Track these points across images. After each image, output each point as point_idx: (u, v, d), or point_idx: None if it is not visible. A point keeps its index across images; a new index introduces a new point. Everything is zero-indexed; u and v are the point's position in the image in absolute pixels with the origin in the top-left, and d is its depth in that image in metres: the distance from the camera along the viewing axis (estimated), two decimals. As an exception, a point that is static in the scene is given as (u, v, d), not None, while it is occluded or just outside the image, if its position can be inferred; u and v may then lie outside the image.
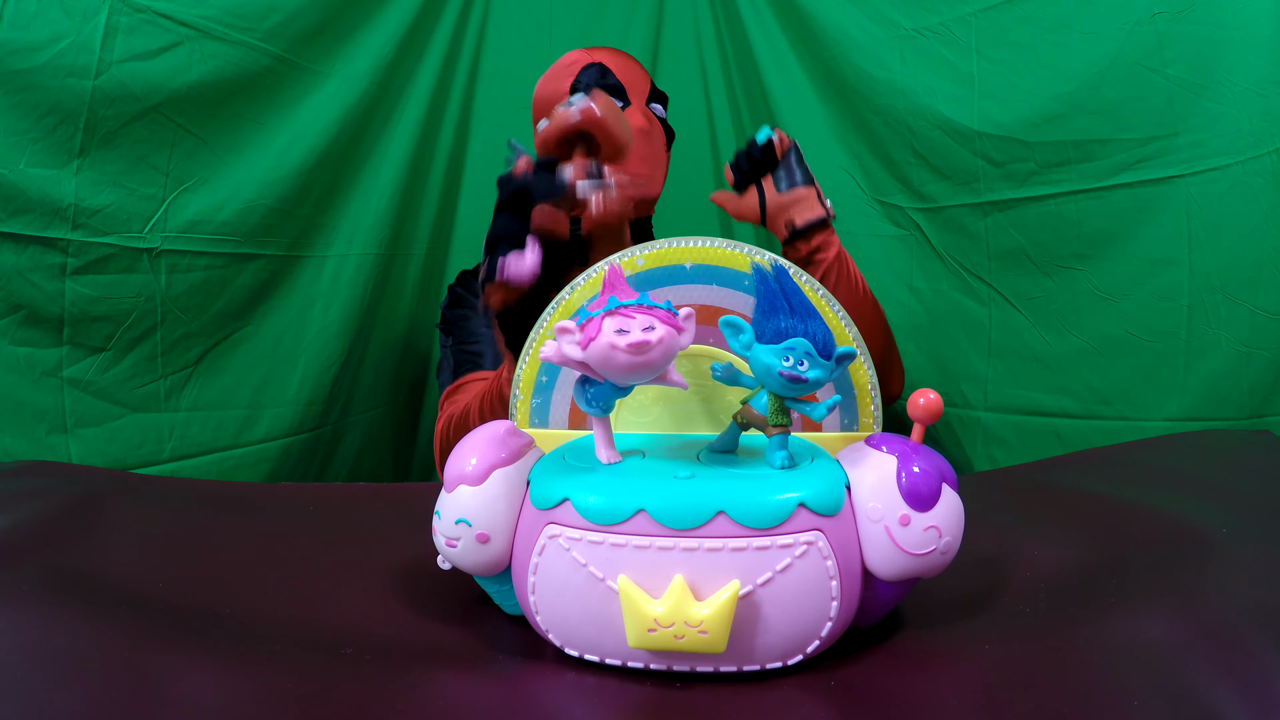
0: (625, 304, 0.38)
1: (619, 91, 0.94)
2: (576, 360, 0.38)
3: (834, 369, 0.40)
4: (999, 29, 0.92)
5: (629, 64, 0.97)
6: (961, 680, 0.37)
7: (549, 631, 0.38)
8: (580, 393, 0.40)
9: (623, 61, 0.97)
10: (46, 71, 0.72)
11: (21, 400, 0.75)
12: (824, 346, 0.39)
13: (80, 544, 0.51)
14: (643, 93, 0.96)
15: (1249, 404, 0.82)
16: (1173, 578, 0.44)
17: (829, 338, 0.39)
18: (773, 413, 0.40)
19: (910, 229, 1.06)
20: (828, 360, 0.39)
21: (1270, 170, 0.78)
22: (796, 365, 0.39)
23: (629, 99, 0.94)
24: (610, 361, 0.37)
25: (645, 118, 0.94)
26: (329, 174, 0.99)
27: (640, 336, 0.37)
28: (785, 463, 0.40)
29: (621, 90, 0.94)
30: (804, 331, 0.39)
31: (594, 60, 0.95)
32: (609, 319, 0.37)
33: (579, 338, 0.38)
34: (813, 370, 0.39)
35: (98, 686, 0.35)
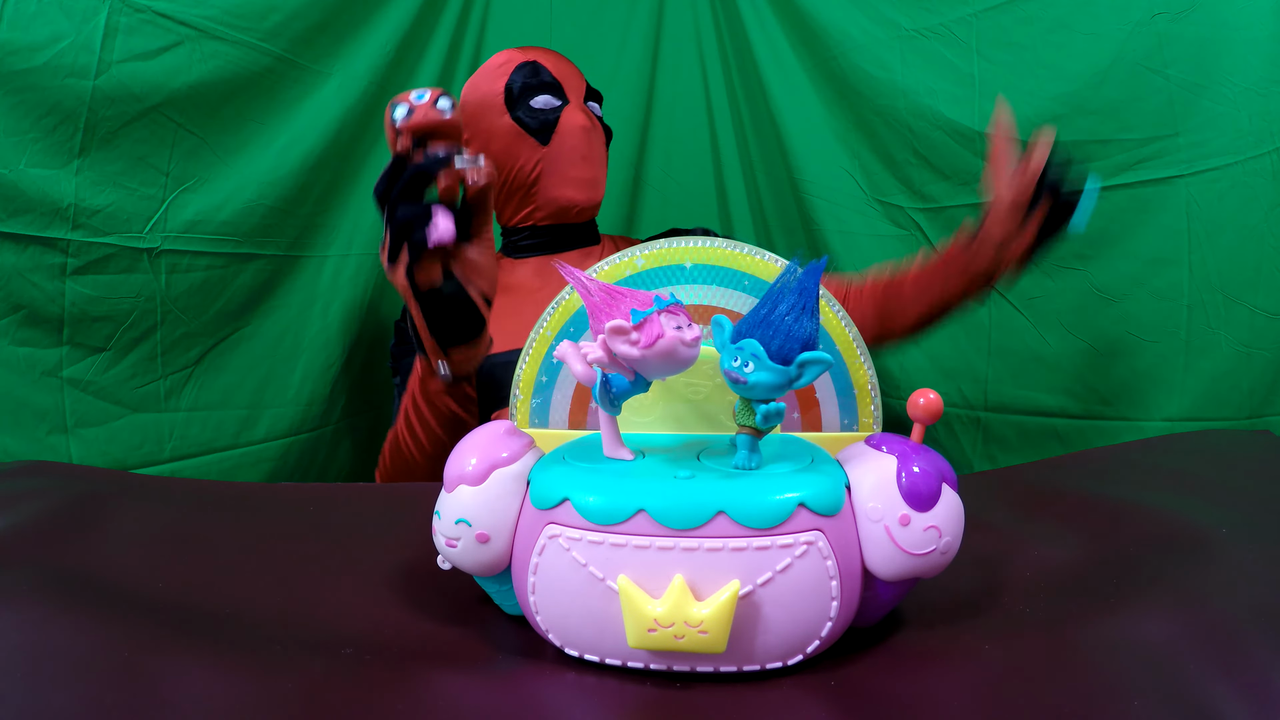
0: (666, 303, 0.38)
1: (556, 89, 0.92)
2: (634, 358, 0.38)
3: (794, 375, 0.38)
4: (1000, 30, 0.92)
5: (563, 62, 0.96)
6: (961, 680, 0.37)
7: (549, 631, 0.38)
8: (605, 392, 0.40)
9: (557, 60, 0.95)
10: (46, 71, 0.72)
11: (21, 400, 0.75)
12: (778, 350, 0.38)
13: (80, 544, 0.51)
14: (580, 90, 0.94)
15: (1249, 404, 0.82)
16: (1173, 578, 0.44)
17: (788, 342, 0.38)
18: (737, 412, 0.40)
19: (911, 229, 1.06)
20: (782, 365, 0.38)
21: (1270, 170, 0.78)
22: (742, 366, 0.38)
23: (567, 96, 0.93)
24: (674, 357, 0.38)
25: (585, 115, 0.92)
26: (329, 174, 0.99)
27: (696, 331, 0.38)
28: (744, 463, 0.39)
29: (559, 88, 0.92)
30: (760, 333, 0.38)
31: (527, 59, 0.93)
32: (665, 316, 0.38)
33: (638, 336, 0.38)
34: (758, 373, 0.38)
35: (98, 686, 0.35)
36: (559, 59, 0.96)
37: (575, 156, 0.92)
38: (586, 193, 0.93)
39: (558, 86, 0.92)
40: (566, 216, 0.95)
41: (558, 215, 0.95)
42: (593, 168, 0.93)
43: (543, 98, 0.91)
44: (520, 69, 0.92)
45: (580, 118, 0.91)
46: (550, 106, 0.91)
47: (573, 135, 0.91)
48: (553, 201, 0.93)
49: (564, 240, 0.96)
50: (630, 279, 0.47)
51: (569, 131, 0.91)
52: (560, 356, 0.40)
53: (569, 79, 0.94)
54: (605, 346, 0.38)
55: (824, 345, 0.47)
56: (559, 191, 0.92)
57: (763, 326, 0.38)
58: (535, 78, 0.92)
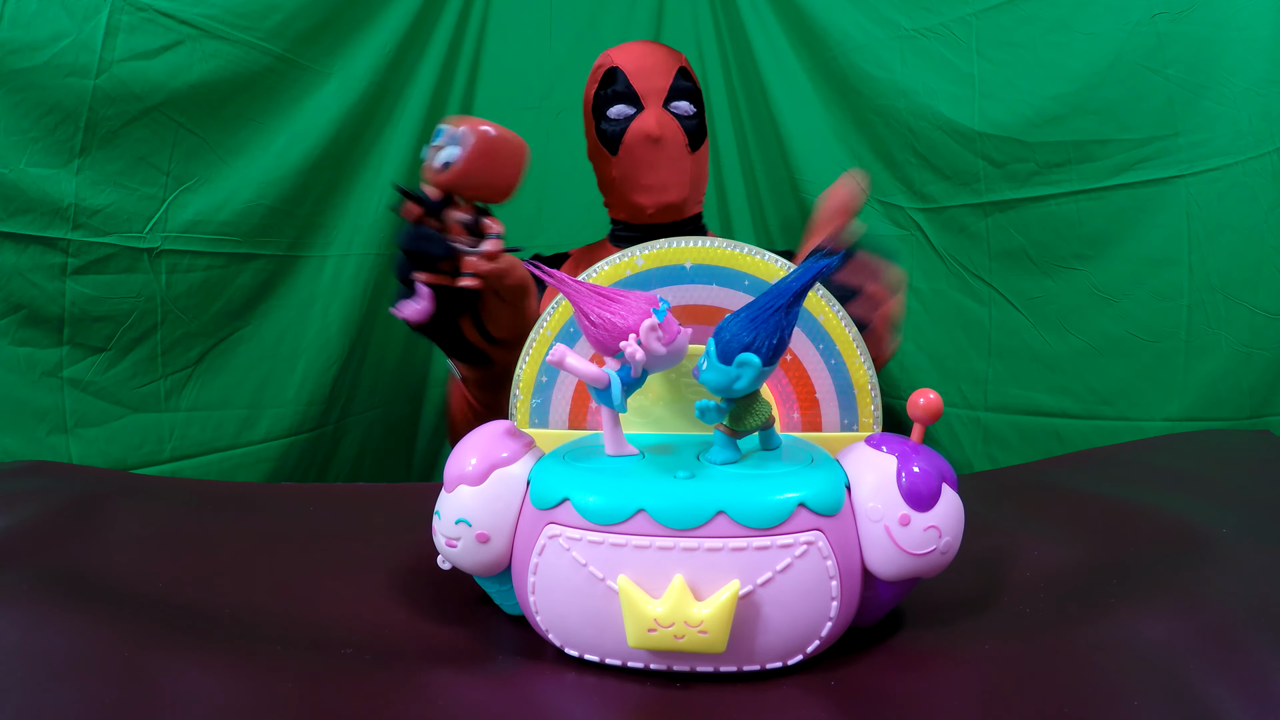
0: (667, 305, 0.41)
1: (630, 98, 0.93)
2: (660, 354, 0.40)
3: (734, 375, 0.38)
4: (1000, 29, 0.92)
5: (650, 58, 0.95)
6: (961, 680, 0.37)
7: (549, 631, 0.38)
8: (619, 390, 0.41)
9: (643, 57, 0.95)
10: (47, 71, 0.72)
11: (21, 400, 0.75)
12: (723, 350, 0.39)
13: (80, 544, 0.51)
14: (661, 91, 0.94)
15: (1249, 404, 0.82)
16: (1173, 578, 0.44)
17: (733, 343, 0.38)
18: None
19: (911, 229, 1.06)
20: (723, 364, 0.38)
21: (1270, 170, 0.78)
22: (700, 364, 0.40)
23: (641, 103, 0.93)
24: (681, 352, 0.41)
25: (655, 121, 0.92)
26: (329, 174, 0.99)
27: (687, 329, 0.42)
28: (715, 458, 0.41)
29: (633, 96, 0.93)
30: (719, 334, 0.39)
31: (611, 65, 0.95)
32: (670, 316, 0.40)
33: (663, 334, 0.40)
34: (708, 373, 0.39)
35: (98, 686, 0.35)
36: (647, 55, 0.96)
37: (640, 165, 0.93)
38: (652, 198, 0.95)
39: (632, 95, 0.94)
40: (642, 218, 0.97)
41: (635, 216, 0.97)
42: (658, 174, 0.94)
43: (617, 108, 0.94)
44: (605, 76, 0.95)
45: (647, 125, 0.92)
46: (622, 117, 0.94)
47: (637, 146, 0.93)
48: (629, 205, 0.96)
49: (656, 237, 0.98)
50: (630, 279, 0.47)
51: (633, 143, 0.93)
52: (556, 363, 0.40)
53: (651, 80, 0.94)
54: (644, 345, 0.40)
55: (823, 345, 0.47)
56: (630, 197, 0.95)
57: (723, 327, 0.40)
58: (612, 86, 0.94)
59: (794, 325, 0.39)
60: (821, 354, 0.47)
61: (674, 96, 0.95)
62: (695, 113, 0.96)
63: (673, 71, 0.95)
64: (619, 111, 0.94)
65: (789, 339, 0.39)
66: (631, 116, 0.93)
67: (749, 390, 0.39)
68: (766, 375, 0.40)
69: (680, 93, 0.95)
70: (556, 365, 0.39)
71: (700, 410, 0.40)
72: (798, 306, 0.39)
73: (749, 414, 0.40)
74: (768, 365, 0.39)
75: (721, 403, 0.40)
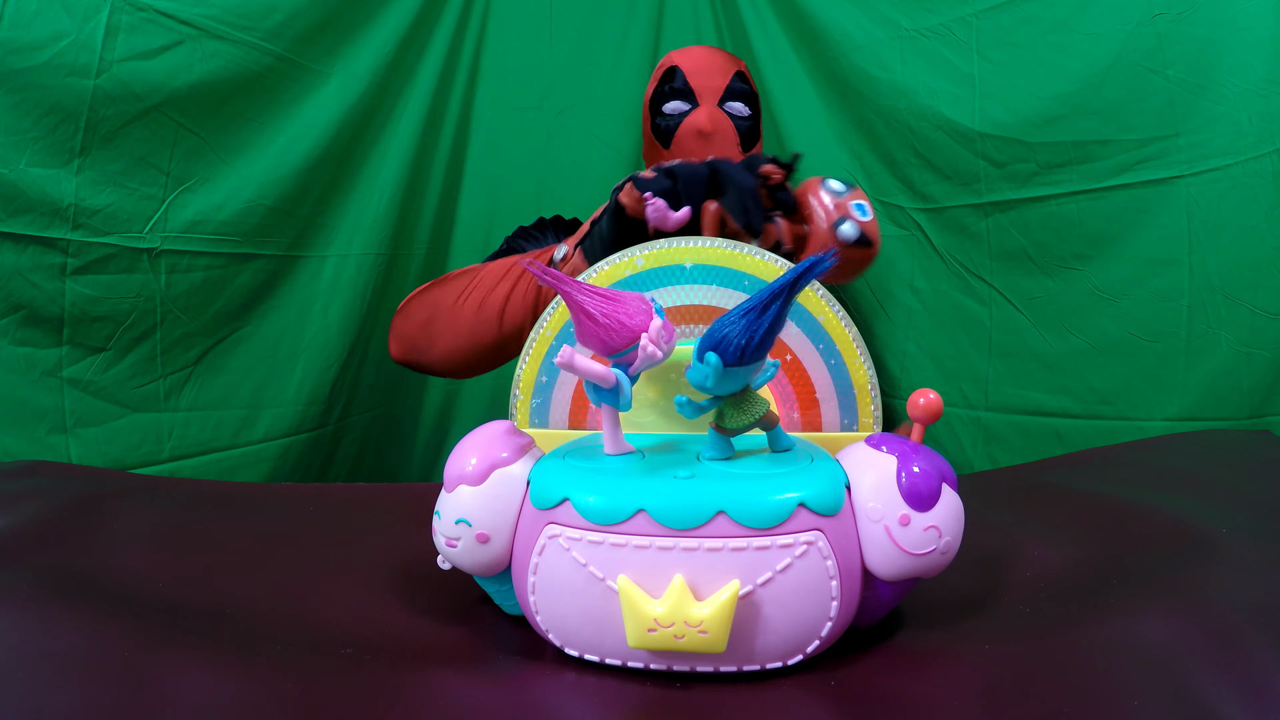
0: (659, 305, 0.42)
1: (686, 94, 0.95)
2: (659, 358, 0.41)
3: (708, 373, 0.39)
4: (1000, 30, 0.92)
5: (711, 59, 0.98)
6: (961, 680, 0.37)
7: (549, 631, 0.38)
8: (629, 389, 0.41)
9: (703, 58, 0.97)
10: (47, 70, 0.72)
11: (21, 400, 0.75)
12: (699, 348, 0.39)
13: (80, 544, 0.51)
14: (717, 90, 0.96)
15: (1249, 404, 0.82)
16: (1173, 578, 0.44)
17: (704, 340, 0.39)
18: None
19: (911, 229, 1.06)
20: (698, 361, 0.39)
21: (1270, 170, 0.78)
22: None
23: (697, 100, 0.95)
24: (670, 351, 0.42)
25: (708, 118, 0.94)
26: (329, 174, 0.99)
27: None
28: (706, 454, 0.41)
29: (689, 93, 0.95)
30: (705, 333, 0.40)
31: (671, 64, 0.97)
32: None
33: (664, 334, 0.41)
34: (690, 370, 0.40)
35: (98, 686, 0.35)
36: (708, 56, 0.98)
37: (693, 159, 0.94)
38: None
39: (688, 92, 0.95)
40: None
41: None
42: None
43: (673, 104, 0.96)
44: (666, 74, 0.97)
45: (700, 121, 0.94)
46: (678, 112, 0.95)
47: (688, 139, 0.94)
48: None
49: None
50: (630, 279, 0.47)
51: (685, 136, 0.95)
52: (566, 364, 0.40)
53: (708, 79, 0.96)
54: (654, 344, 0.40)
55: (823, 345, 0.47)
56: None
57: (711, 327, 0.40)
58: (670, 83, 0.96)
59: (770, 329, 0.38)
60: (821, 354, 0.47)
61: (729, 97, 0.96)
62: (750, 114, 0.98)
63: (730, 73, 0.97)
64: (674, 107, 0.96)
65: (767, 342, 0.39)
66: (686, 112, 0.95)
67: (727, 389, 0.40)
68: (744, 376, 0.39)
69: (736, 94, 0.97)
70: (565, 367, 0.39)
71: (679, 405, 0.41)
72: (773, 310, 0.38)
73: (737, 412, 0.41)
74: (734, 365, 0.38)
75: (704, 401, 0.41)
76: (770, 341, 0.39)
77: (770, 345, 0.39)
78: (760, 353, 0.39)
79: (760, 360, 0.40)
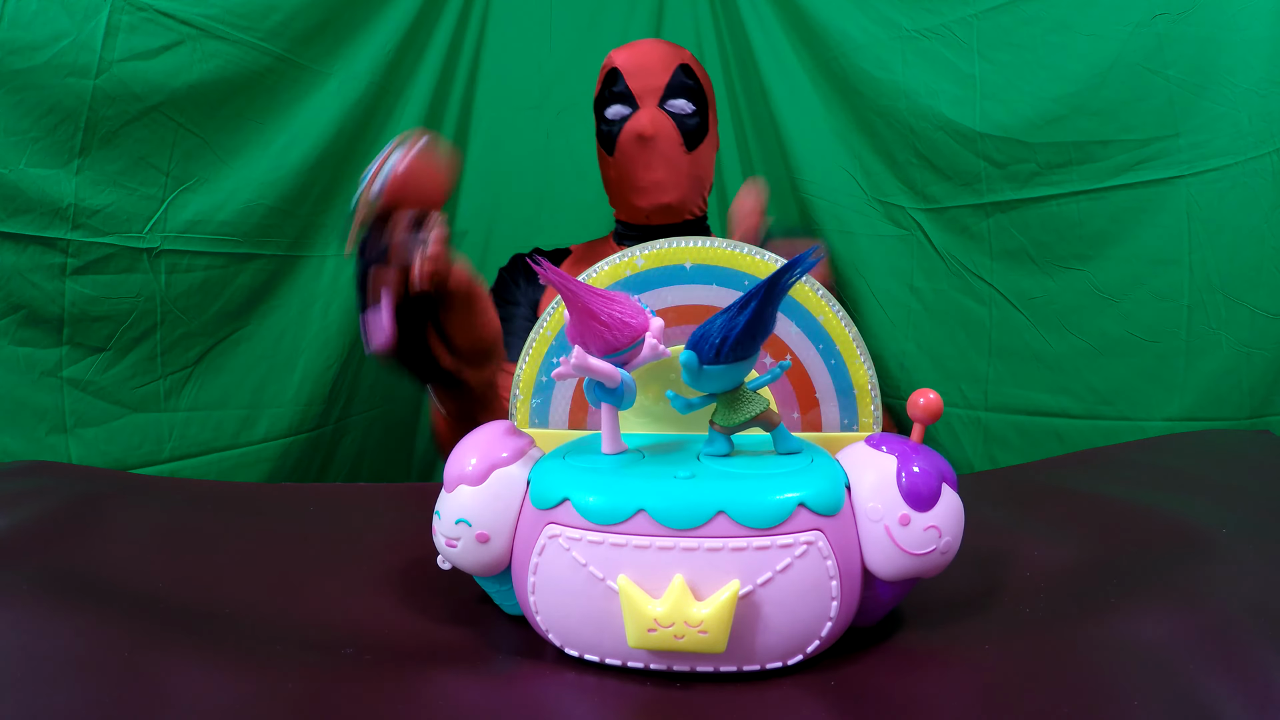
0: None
1: (626, 97, 0.93)
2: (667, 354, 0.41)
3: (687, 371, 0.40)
4: (1001, 30, 0.92)
5: (649, 56, 0.94)
6: (961, 680, 0.37)
7: (549, 631, 0.38)
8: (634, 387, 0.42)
9: (643, 56, 0.94)
10: (47, 70, 0.72)
11: (21, 400, 0.75)
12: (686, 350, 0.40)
13: (80, 544, 0.51)
14: (657, 90, 0.93)
15: (1249, 404, 0.82)
16: (1173, 578, 0.44)
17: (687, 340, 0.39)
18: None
19: (911, 229, 1.06)
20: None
21: (1270, 170, 0.78)
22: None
23: (637, 102, 0.93)
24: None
25: (649, 121, 0.91)
26: (329, 174, 0.99)
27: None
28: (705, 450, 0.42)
29: (628, 96, 0.93)
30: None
31: (612, 65, 0.95)
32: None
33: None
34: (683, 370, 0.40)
35: (98, 686, 0.35)
36: (646, 53, 0.95)
37: (634, 165, 0.93)
38: (647, 199, 0.94)
39: (628, 95, 0.93)
40: (640, 219, 0.97)
41: (634, 217, 0.97)
42: (653, 172, 0.93)
43: (614, 108, 0.94)
44: (607, 77, 0.95)
45: (640, 125, 0.91)
46: (618, 117, 0.94)
47: (629, 145, 0.92)
48: (628, 206, 0.96)
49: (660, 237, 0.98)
50: (630, 279, 0.47)
51: (626, 142, 0.93)
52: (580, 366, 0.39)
53: (648, 79, 0.93)
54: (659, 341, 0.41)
55: (823, 345, 0.47)
56: (629, 197, 0.95)
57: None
58: (611, 86, 0.94)
59: (747, 329, 0.38)
60: (821, 354, 0.47)
61: (672, 94, 0.93)
62: (694, 111, 0.94)
63: (671, 68, 0.94)
64: (615, 112, 0.94)
65: (745, 342, 0.39)
66: (627, 116, 0.93)
67: (716, 387, 0.40)
68: (732, 374, 0.40)
69: (679, 90, 0.94)
70: (580, 369, 0.39)
71: (670, 399, 0.42)
72: (749, 310, 0.38)
73: (728, 410, 0.41)
74: (709, 365, 0.39)
75: (694, 399, 0.42)
76: (749, 342, 0.39)
77: (751, 346, 0.39)
78: (738, 353, 0.39)
79: (744, 359, 0.39)
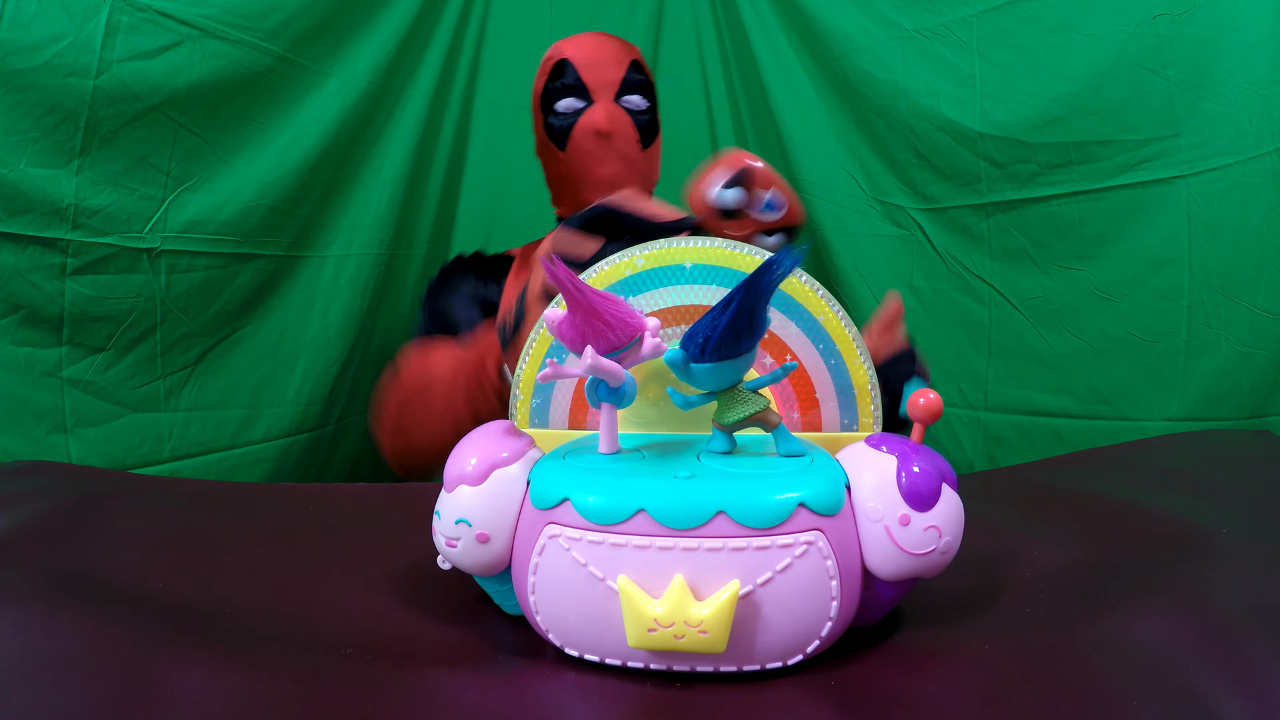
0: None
1: (580, 91, 0.90)
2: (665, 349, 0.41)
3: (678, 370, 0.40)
4: (1001, 30, 0.92)
5: (602, 50, 0.92)
6: (961, 680, 0.37)
7: (549, 631, 0.38)
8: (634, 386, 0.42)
9: (595, 49, 0.92)
10: (47, 71, 0.72)
11: (21, 400, 0.75)
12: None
13: (80, 544, 0.51)
14: (613, 84, 0.91)
15: (1249, 404, 0.82)
16: (1173, 578, 0.44)
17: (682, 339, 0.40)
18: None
19: (911, 229, 1.06)
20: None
21: (1270, 170, 0.78)
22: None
23: (591, 96, 0.91)
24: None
25: (605, 115, 0.89)
26: (329, 174, 0.99)
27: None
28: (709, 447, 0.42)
29: (583, 89, 0.90)
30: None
31: (562, 56, 0.91)
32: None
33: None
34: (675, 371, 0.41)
35: (98, 686, 0.35)
36: (600, 47, 0.93)
37: (590, 160, 0.91)
38: (603, 194, 0.92)
39: (582, 88, 0.91)
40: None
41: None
42: (609, 168, 0.91)
43: (566, 101, 0.91)
44: (555, 68, 0.92)
45: (597, 120, 0.89)
46: (571, 110, 0.91)
47: (585, 140, 0.90)
48: (578, 204, 0.93)
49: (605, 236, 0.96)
50: (630, 279, 0.47)
51: (581, 137, 0.90)
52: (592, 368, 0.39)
53: (603, 72, 0.91)
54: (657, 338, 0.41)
55: (823, 345, 0.47)
56: (580, 194, 0.92)
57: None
58: (562, 79, 0.91)
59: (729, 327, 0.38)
60: (821, 354, 0.47)
61: (626, 90, 0.92)
62: (648, 107, 0.93)
63: (625, 64, 0.92)
64: (568, 105, 0.91)
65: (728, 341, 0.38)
66: (581, 110, 0.91)
67: (711, 384, 0.40)
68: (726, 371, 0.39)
69: (633, 86, 0.92)
70: (593, 370, 0.39)
71: (669, 393, 0.43)
72: (732, 309, 0.38)
73: (724, 408, 0.41)
74: (696, 363, 0.39)
75: (693, 396, 0.42)
76: (732, 341, 0.38)
77: (735, 345, 0.39)
78: (722, 352, 0.39)
79: (731, 358, 0.39)
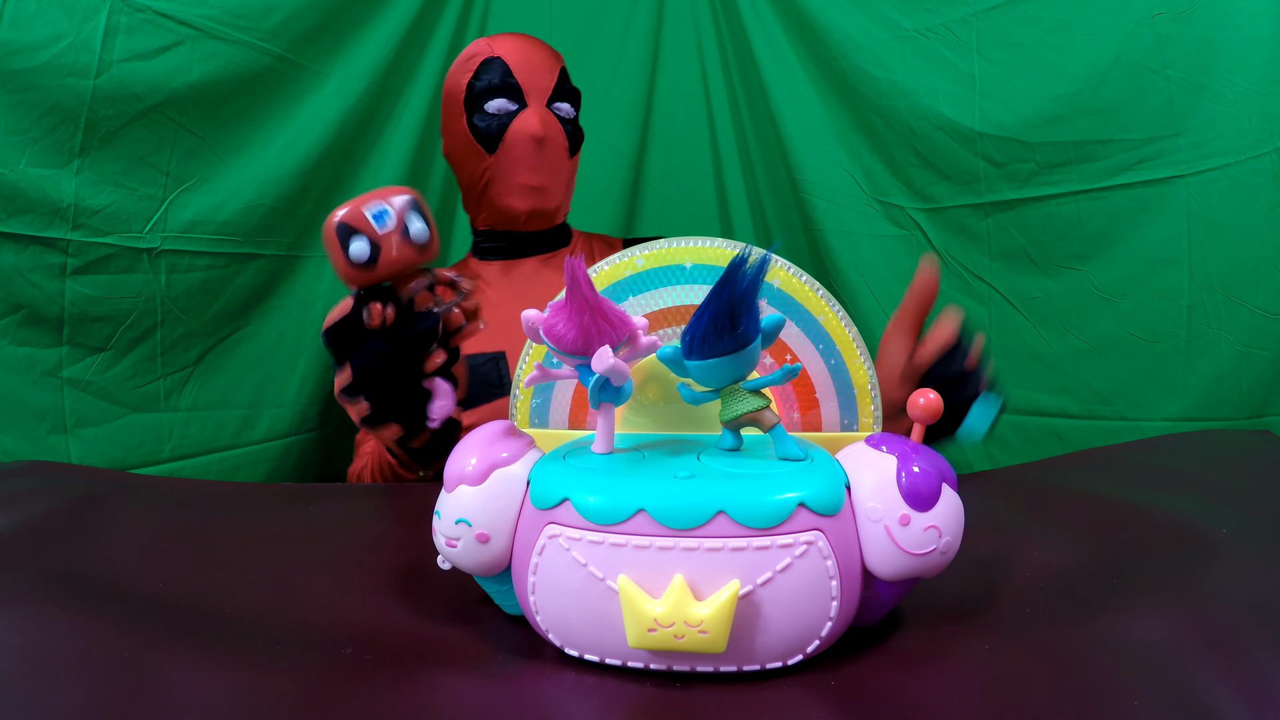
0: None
1: (514, 92, 0.89)
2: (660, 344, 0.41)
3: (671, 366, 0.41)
4: (1000, 30, 0.92)
5: (536, 54, 0.91)
6: (961, 680, 0.37)
7: (549, 631, 0.38)
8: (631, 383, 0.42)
9: (529, 52, 0.90)
10: (47, 71, 0.72)
11: (21, 400, 0.75)
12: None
13: (80, 544, 0.51)
14: (545, 89, 0.90)
15: (1249, 404, 0.82)
16: (1173, 578, 0.44)
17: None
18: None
19: (911, 229, 1.06)
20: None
21: (1270, 170, 0.78)
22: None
23: (525, 99, 0.89)
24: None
25: (539, 121, 0.87)
26: (329, 174, 0.99)
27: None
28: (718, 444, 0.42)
29: (517, 90, 0.89)
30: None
31: (494, 54, 0.89)
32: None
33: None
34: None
35: (98, 686, 0.35)
36: (532, 50, 0.91)
37: (521, 166, 0.88)
38: (531, 201, 0.90)
39: (516, 89, 0.88)
40: (516, 224, 0.92)
41: (508, 222, 0.92)
42: (540, 176, 0.89)
43: (498, 101, 0.88)
44: (484, 66, 0.89)
45: (531, 124, 0.86)
46: (504, 112, 0.88)
47: (519, 144, 0.87)
48: (500, 209, 0.91)
49: (524, 245, 0.95)
50: (630, 279, 0.47)
51: (515, 141, 0.88)
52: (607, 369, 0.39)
53: (536, 76, 0.89)
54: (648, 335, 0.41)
55: (823, 345, 0.47)
56: (505, 200, 0.90)
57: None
58: (494, 78, 0.88)
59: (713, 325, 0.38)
60: (821, 354, 0.47)
61: (557, 97, 0.91)
62: (575, 116, 0.93)
63: (556, 71, 0.91)
64: (499, 106, 0.88)
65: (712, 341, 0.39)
66: (514, 113, 0.88)
67: (710, 381, 0.41)
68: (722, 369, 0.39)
69: (563, 94, 0.91)
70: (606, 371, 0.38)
71: (679, 388, 0.43)
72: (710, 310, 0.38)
73: (724, 407, 0.41)
74: (686, 360, 0.40)
75: (699, 392, 0.42)
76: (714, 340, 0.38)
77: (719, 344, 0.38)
78: (708, 349, 0.39)
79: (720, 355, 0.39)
